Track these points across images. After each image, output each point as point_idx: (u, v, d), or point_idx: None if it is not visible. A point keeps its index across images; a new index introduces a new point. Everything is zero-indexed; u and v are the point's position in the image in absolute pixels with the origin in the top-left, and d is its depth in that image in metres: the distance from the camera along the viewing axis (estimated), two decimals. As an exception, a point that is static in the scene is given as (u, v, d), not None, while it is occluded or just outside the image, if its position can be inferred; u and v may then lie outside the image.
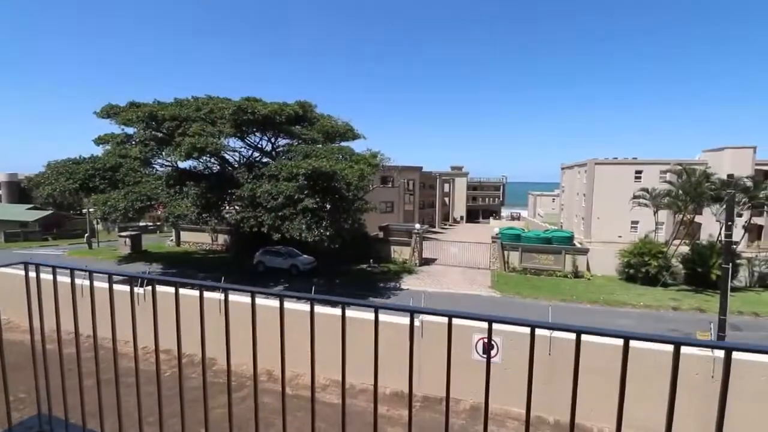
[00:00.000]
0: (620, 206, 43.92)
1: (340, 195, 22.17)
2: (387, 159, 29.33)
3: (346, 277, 26.36)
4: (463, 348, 9.46)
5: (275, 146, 28.54)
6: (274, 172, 22.19)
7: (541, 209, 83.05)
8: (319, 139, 26.69)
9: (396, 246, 31.02)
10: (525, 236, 31.17)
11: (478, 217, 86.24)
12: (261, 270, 27.26)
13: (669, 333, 17.43)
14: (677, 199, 27.73)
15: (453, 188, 75.89)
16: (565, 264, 28.07)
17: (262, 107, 23.99)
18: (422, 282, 25.26)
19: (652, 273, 25.73)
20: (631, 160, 48.33)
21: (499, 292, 23.16)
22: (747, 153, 41.78)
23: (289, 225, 20.40)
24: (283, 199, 20.39)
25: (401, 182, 46.25)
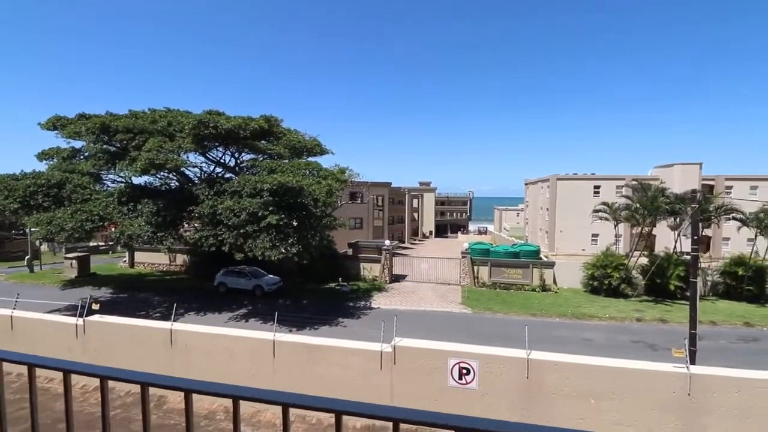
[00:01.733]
0: (581, 220, 45.57)
1: (308, 211, 21.38)
2: (356, 175, 28.89)
3: (314, 296, 25.33)
4: (438, 374, 8.93)
5: (239, 161, 27.43)
6: (237, 188, 21.14)
7: (506, 223, 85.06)
8: (286, 154, 25.89)
9: (366, 263, 30.34)
10: (494, 251, 31.41)
11: (446, 231, 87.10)
12: (223, 291, 25.73)
13: (636, 345, 17.74)
14: (635, 212, 28.89)
15: (422, 203, 76.40)
16: (533, 278, 28.38)
17: (225, 121, 22.98)
18: (393, 300, 24.66)
19: (614, 285, 26.42)
20: (590, 175, 50.50)
21: (471, 309, 22.92)
22: (694, 169, 44.69)
23: (252, 243, 19.34)
24: (245, 216, 19.36)
25: (370, 198, 45.89)
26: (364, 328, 18.54)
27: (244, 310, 22.40)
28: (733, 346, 17.44)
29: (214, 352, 10.22)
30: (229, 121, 22.95)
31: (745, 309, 23.67)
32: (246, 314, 21.55)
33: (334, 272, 28.53)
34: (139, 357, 11.00)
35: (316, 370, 9.53)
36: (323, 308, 22.67)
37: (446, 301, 24.46)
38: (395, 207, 61.18)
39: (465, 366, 8.73)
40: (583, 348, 17.02)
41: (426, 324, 19.91)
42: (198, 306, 22.89)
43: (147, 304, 23.51)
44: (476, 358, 8.77)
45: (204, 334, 10.54)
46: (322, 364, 9.47)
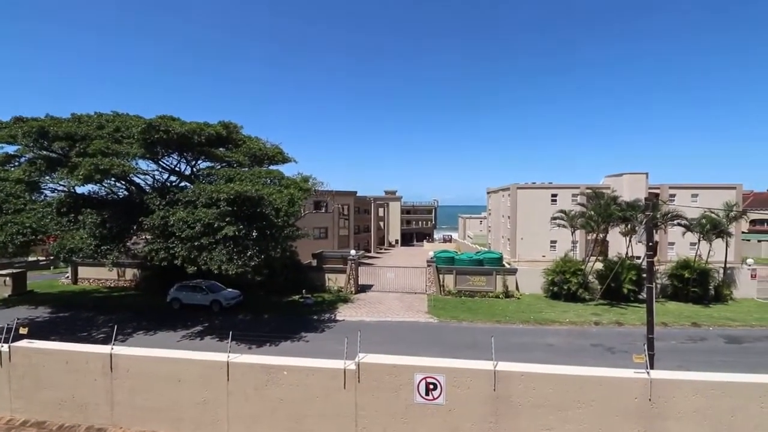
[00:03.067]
0: (541, 227, 47.20)
1: (268, 222, 20.51)
2: (320, 183, 28.26)
3: (276, 310, 24.28)
4: (404, 390, 8.54)
5: (195, 170, 26.07)
6: (191, 197, 19.97)
7: (470, 231, 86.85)
8: (245, 162, 24.88)
9: (331, 274, 29.62)
10: (458, 259, 31.66)
11: (412, 240, 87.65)
12: (176, 308, 24.14)
13: (596, 348, 18.23)
14: (590, 219, 30.15)
15: (387, 212, 76.50)
16: (497, 285, 28.83)
17: (179, 126, 21.77)
18: (359, 311, 24.12)
19: (573, 290, 27.30)
20: (548, 184, 52.55)
21: (437, 318, 22.80)
22: (641, 178, 47.59)
23: (207, 256, 18.22)
24: (200, 227, 18.25)
25: (335, 207, 45.24)
26: (329, 343, 17.88)
27: (200, 327, 21.06)
28: (683, 347, 18.31)
29: (159, 378, 9.29)
30: (183, 126, 21.79)
31: (692, 310, 25.12)
32: (202, 332, 20.26)
33: (298, 284, 27.60)
34: (74, 386, 9.86)
35: (274, 392, 8.85)
36: (286, 322, 21.76)
37: (412, 311, 24.22)
38: (361, 216, 60.80)
39: (432, 381, 8.40)
40: (547, 354, 17.27)
41: (392, 335, 19.53)
42: (149, 324, 21.30)
43: (90, 325, 21.59)
44: (443, 372, 8.47)
45: (149, 357, 9.58)
46: (282, 386, 8.82)
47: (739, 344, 18.61)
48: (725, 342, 18.95)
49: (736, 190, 47.87)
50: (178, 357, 9.53)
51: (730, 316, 23.35)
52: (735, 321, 22.37)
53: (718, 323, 21.98)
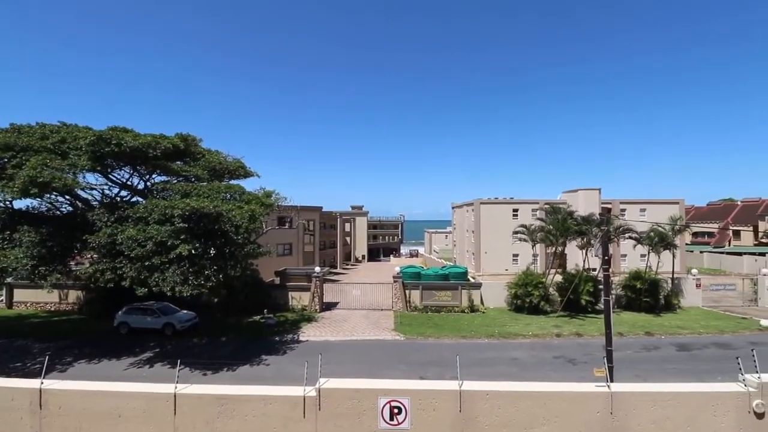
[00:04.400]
0: (503, 241, 48.45)
1: (227, 239, 19.60)
2: (283, 199, 27.55)
3: (235, 333, 23.07)
4: (368, 416, 8.15)
5: (148, 184, 24.68)
6: (143, 213, 18.76)
7: (436, 246, 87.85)
8: (204, 176, 23.85)
9: (294, 292, 28.69)
10: (424, 274, 31.68)
11: (379, 255, 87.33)
12: (124, 333, 22.40)
13: (558, 360, 18.55)
14: (549, 233, 31.20)
15: (354, 227, 75.98)
16: (462, 299, 29.01)
17: (132, 139, 20.58)
18: (323, 330, 23.38)
19: (535, 302, 27.92)
20: (509, 199, 54.24)
21: (403, 335, 22.49)
22: (594, 193, 50.11)
23: (159, 277, 17.06)
24: (152, 245, 17.11)
25: (300, 223, 44.29)
26: (291, 366, 17.10)
27: (150, 353, 19.57)
28: (638, 356, 19.00)
29: (97, 415, 8.37)
30: (137, 139, 20.63)
31: (645, 319, 26.31)
32: (152, 358, 18.81)
33: (259, 304, 26.48)
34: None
35: (229, 425, 8.19)
36: (245, 345, 20.67)
37: (379, 328, 23.79)
38: (327, 231, 59.94)
39: (396, 405, 8.08)
40: (511, 368, 17.36)
41: (357, 355, 18.99)
42: (92, 352, 19.56)
43: (25, 354, 19.52)
44: (407, 394, 8.18)
45: (85, 392, 8.63)
46: (236, 418, 8.18)
47: (689, 352, 19.56)
48: (677, 350, 19.87)
49: (679, 204, 51.49)
50: (119, 390, 8.66)
51: (680, 324, 24.64)
52: (684, 329, 23.60)
53: (669, 332, 23.10)
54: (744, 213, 62.96)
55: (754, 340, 21.17)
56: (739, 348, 19.65)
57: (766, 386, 7.99)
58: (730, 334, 22.77)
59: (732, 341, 21.24)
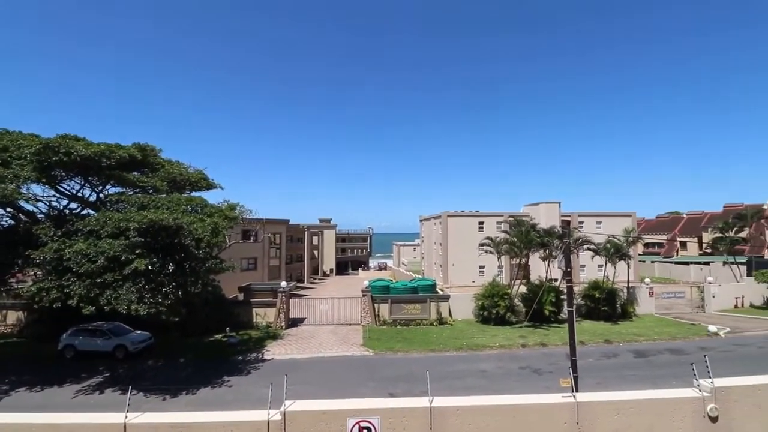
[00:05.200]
0: (470, 253, 49.27)
1: (188, 253, 18.68)
2: (248, 211, 26.72)
3: (194, 353, 21.82)
4: (336, 438, 7.81)
5: (101, 195, 23.24)
6: (94, 226, 17.57)
7: (404, 258, 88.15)
8: (163, 188, 22.76)
9: (259, 308, 27.66)
10: (393, 287, 31.55)
11: (347, 268, 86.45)
12: (70, 357, 20.64)
13: (524, 371, 18.83)
14: (514, 245, 32.06)
15: (322, 241, 74.95)
16: (431, 312, 29.07)
17: (84, 148, 19.35)
18: (289, 348, 22.60)
19: (501, 313, 28.42)
20: (475, 212, 55.47)
21: (372, 350, 22.12)
22: (555, 207, 52.26)
23: (111, 295, 15.92)
24: (104, 260, 16.01)
25: (266, 236, 43.12)
26: (255, 386, 16.34)
27: (100, 378, 18.10)
28: (599, 363, 19.64)
29: (33, 452, 7.55)
30: (89, 148, 19.42)
31: (604, 328, 27.36)
32: (101, 384, 17.39)
33: (221, 322, 25.29)
34: None
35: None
36: (206, 366, 19.58)
37: (347, 344, 23.29)
38: (294, 245, 58.75)
39: (366, 425, 7.82)
40: (480, 380, 17.43)
41: (325, 373, 18.44)
42: (33, 379, 17.82)
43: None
44: (377, 414, 7.94)
45: (18, 425, 7.77)
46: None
47: (645, 358, 20.45)
48: (634, 357, 20.73)
49: (631, 217, 54.61)
50: (61, 422, 7.85)
51: (636, 332, 25.79)
52: (640, 336, 24.72)
53: (627, 339, 24.11)
54: (689, 225, 67.67)
55: (703, 345, 22.48)
56: (691, 353, 20.77)
57: (719, 391, 8.39)
58: (682, 339, 24.07)
59: (684, 347, 22.44)
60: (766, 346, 22.01)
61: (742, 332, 25.53)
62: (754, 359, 19.49)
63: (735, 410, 8.43)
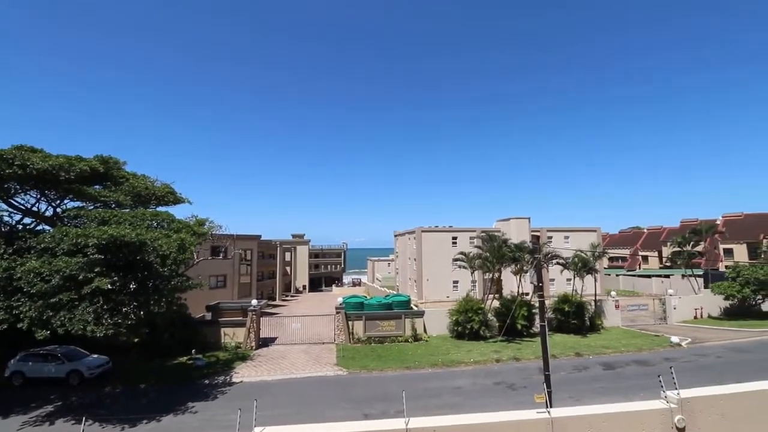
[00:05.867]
0: (444, 268, 49.65)
1: (152, 271, 17.79)
2: (218, 227, 25.96)
3: (157, 377, 20.57)
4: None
5: (59, 210, 21.99)
6: (49, 243, 16.54)
7: (379, 274, 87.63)
8: (127, 202, 21.82)
9: (228, 328, 26.60)
10: (368, 303, 31.20)
11: (320, 285, 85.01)
12: (19, 384, 19.04)
13: (499, 387, 18.85)
14: (487, 260, 32.55)
15: (295, 257, 73.61)
16: (405, 328, 28.85)
17: (40, 160, 18.35)
18: (259, 369, 21.74)
19: (475, 328, 28.55)
20: (449, 227, 56.13)
21: (346, 369, 21.61)
22: (525, 222, 53.65)
23: (65, 316, 14.89)
24: (59, 279, 15.02)
25: (236, 253, 41.89)
26: (222, 412, 15.56)
27: (50, 407, 16.72)
28: (571, 377, 19.94)
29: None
30: (47, 161, 18.43)
31: (574, 341, 27.96)
32: (52, 414, 16.05)
33: (187, 343, 24.11)
34: None
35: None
36: (169, 391, 18.48)
37: (320, 364, 22.67)
38: (266, 261, 57.37)
39: (339, 450, 7.49)
40: (455, 397, 17.29)
41: (297, 395, 17.80)
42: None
43: None
44: (352, 437, 7.64)
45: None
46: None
47: (614, 370, 20.95)
48: (603, 369, 21.20)
49: (596, 232, 56.74)
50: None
51: (604, 344, 26.48)
52: (608, 348, 25.38)
53: (596, 352, 24.69)
54: (650, 239, 71.01)
55: (667, 356, 23.31)
56: (656, 364, 21.48)
57: (684, 402, 8.61)
58: (647, 351, 24.89)
59: (649, 358, 23.18)
60: (725, 356, 23.06)
61: (702, 342, 26.69)
62: (715, 369, 20.35)
63: (700, 420, 8.66)
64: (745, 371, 18.73)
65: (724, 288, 35.52)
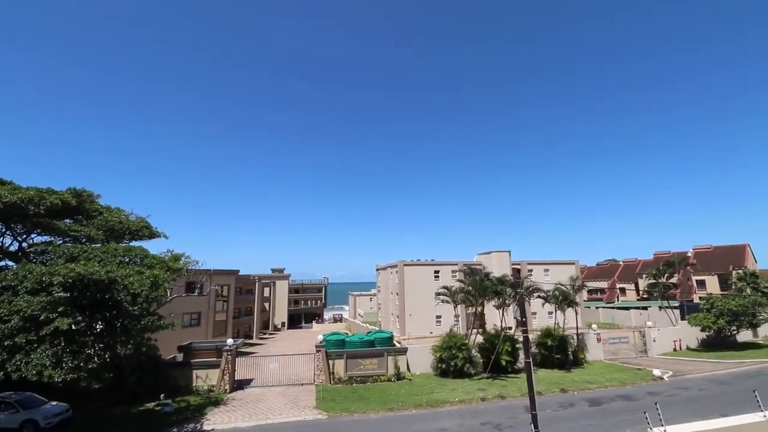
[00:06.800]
0: (427, 302, 49.08)
1: (120, 310, 16.87)
2: (194, 262, 25.11)
3: (122, 426, 18.99)
4: None
5: (24, 245, 20.97)
6: (11, 281, 15.61)
7: (360, 309, 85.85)
8: (98, 237, 21.01)
9: (201, 370, 25.11)
10: (349, 341, 30.24)
11: (300, 321, 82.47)
12: (-39, 438, 17.25)
13: (485, 427, 18.18)
14: (469, 294, 32.37)
15: (274, 292, 71.61)
16: (388, 366, 27.96)
17: (9, 193, 17.66)
18: (233, 415, 20.39)
19: (459, 365, 27.92)
20: (431, 261, 56.04)
21: (326, 413, 20.53)
22: (505, 255, 54.16)
23: (22, 360, 13.82)
24: (18, 320, 14.05)
25: (212, 288, 40.46)
26: (190, 463, 14.37)
27: (-4, 464, 15.13)
28: (557, 414, 19.47)
29: None
30: (15, 194, 17.77)
31: (559, 376, 27.58)
32: (-3, 472, 14.50)
33: (156, 387, 22.58)
34: None
35: None
36: (132, 442, 17.05)
37: (298, 407, 21.50)
38: (243, 297, 55.51)
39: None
40: (440, 440, 16.55)
41: (273, 441, 16.71)
42: None
43: None
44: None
45: None
46: None
47: (599, 406, 20.61)
48: (589, 405, 20.83)
49: (575, 265, 57.70)
50: None
51: (589, 379, 26.20)
52: (593, 383, 25.11)
53: (581, 387, 24.35)
54: (626, 272, 72.59)
55: (650, 390, 23.19)
56: (640, 399, 21.29)
57: (672, 438, 8.47)
58: (631, 385, 24.73)
59: (633, 392, 22.99)
60: (707, 388, 23.12)
61: (683, 375, 26.77)
62: (698, 402, 20.29)
63: (688, 458, 8.50)
64: (727, 403, 18.77)
65: (699, 319, 36.21)
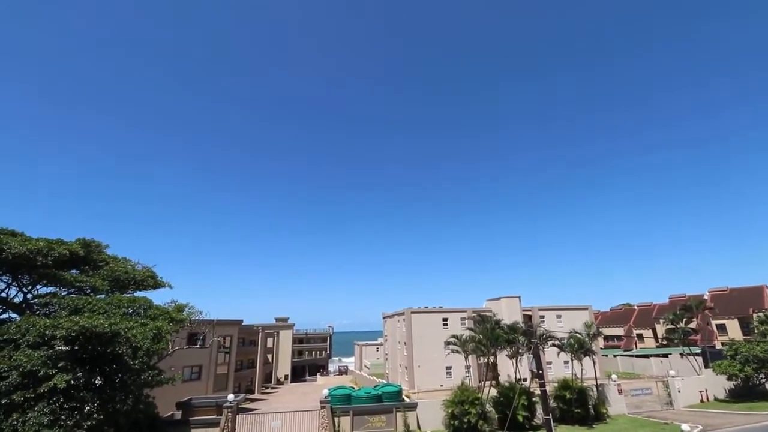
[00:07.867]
0: (436, 352, 47.18)
1: (121, 364, 16.35)
2: (198, 312, 24.64)
3: (112, 492, 17.74)
4: None
5: (29, 296, 20.81)
6: (13, 335, 15.31)
7: (367, 360, 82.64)
8: (104, 287, 20.86)
9: (199, 429, 23.78)
10: (355, 396, 28.76)
11: (304, 374, 79.29)
12: None
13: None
14: (480, 344, 31.15)
15: (277, 342, 69.46)
16: (397, 424, 26.37)
17: (19, 244, 17.83)
18: (232, 478, 19.02)
19: (473, 422, 26.22)
20: (439, 308, 54.70)
21: (332, 476, 19.09)
22: (515, 301, 52.80)
23: (18, 419, 13.21)
24: (17, 377, 13.61)
25: (214, 340, 39.39)
26: None
27: None
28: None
29: None
30: (25, 245, 17.93)
31: (580, 433, 25.73)
32: None
33: (152, 447, 21.31)
34: None
35: None
36: None
37: (302, 469, 20.04)
38: (246, 348, 53.86)
39: None
40: None
41: None
42: None
43: None
44: None
45: None
46: None
47: (627, 467, 19.02)
48: (615, 466, 19.23)
49: (588, 310, 55.96)
50: None
51: (612, 437, 24.40)
52: (617, 441, 23.35)
53: (605, 445, 22.64)
54: (641, 316, 70.08)
55: (680, 448, 21.46)
56: (671, 458, 19.67)
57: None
58: (659, 443, 22.96)
59: (662, 451, 21.28)
60: (741, 446, 21.39)
61: (714, 430, 24.90)
62: (734, 462, 18.69)
63: None
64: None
65: (725, 367, 34.33)
